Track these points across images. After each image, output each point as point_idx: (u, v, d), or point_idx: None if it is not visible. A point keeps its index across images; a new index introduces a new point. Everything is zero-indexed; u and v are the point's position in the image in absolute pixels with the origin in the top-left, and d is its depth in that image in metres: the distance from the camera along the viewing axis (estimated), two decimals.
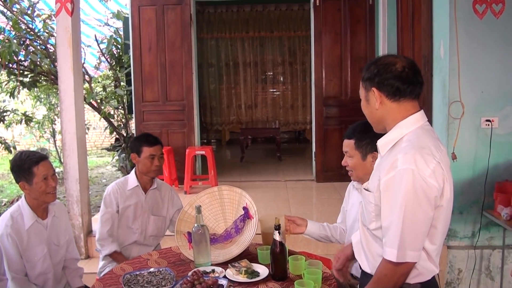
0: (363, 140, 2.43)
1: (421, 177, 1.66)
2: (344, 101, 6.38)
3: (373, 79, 1.81)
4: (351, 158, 2.49)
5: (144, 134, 3.38)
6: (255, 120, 10.64)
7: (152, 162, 3.15)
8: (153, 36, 6.52)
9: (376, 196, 1.80)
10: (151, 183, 3.25)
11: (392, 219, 1.71)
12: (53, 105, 9.55)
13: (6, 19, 6.90)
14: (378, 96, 1.81)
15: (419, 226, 1.70)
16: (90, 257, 4.50)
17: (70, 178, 4.41)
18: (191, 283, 2.14)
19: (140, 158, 3.16)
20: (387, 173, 1.72)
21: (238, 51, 10.61)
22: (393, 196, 1.70)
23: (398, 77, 1.78)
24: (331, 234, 2.81)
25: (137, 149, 3.18)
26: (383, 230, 1.77)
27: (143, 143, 3.17)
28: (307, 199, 5.92)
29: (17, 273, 2.57)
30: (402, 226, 1.68)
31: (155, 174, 3.23)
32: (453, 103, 3.76)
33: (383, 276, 1.76)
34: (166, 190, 3.36)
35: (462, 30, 3.70)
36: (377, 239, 1.87)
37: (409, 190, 1.66)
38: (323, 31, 6.42)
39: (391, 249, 1.71)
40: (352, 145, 2.47)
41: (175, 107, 6.62)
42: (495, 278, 3.91)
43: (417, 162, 1.67)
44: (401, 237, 1.68)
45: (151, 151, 3.15)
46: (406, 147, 1.72)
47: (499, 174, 3.77)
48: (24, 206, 2.63)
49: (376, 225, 1.85)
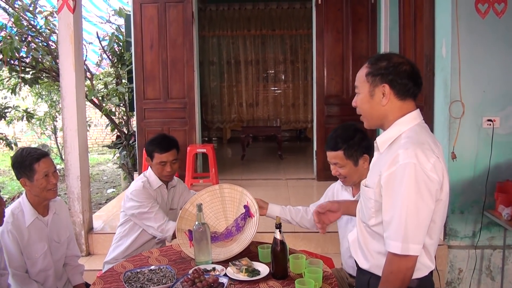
0: (351, 148, 2.49)
1: (422, 171, 1.69)
2: (346, 99, 6.37)
3: (386, 76, 1.83)
4: (343, 168, 2.54)
5: (158, 137, 3.25)
6: (256, 118, 10.61)
7: (164, 168, 3.09)
8: (155, 33, 6.51)
9: (376, 191, 1.82)
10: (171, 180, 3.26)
11: (394, 212, 1.73)
12: (55, 102, 9.57)
13: (8, 15, 6.91)
14: (388, 93, 1.83)
15: (422, 219, 1.72)
16: (90, 254, 4.50)
17: (71, 175, 4.41)
18: (191, 281, 2.14)
19: (153, 163, 3.13)
20: (388, 168, 1.75)
21: (240, 49, 10.59)
22: (395, 190, 1.73)
23: (410, 77, 1.83)
24: (291, 217, 2.81)
25: (149, 153, 3.13)
26: (384, 224, 1.78)
27: (155, 149, 3.10)
28: (308, 197, 5.92)
29: (18, 269, 2.57)
30: (405, 219, 1.70)
31: (168, 179, 3.19)
32: (454, 102, 3.75)
33: (389, 273, 1.77)
34: (180, 186, 3.42)
35: (464, 29, 3.69)
36: (376, 235, 1.89)
37: (411, 184, 1.69)
38: (325, 29, 6.40)
39: (395, 242, 1.72)
40: (341, 156, 2.53)
41: (176, 104, 6.61)
42: (496, 278, 3.91)
43: (418, 157, 1.70)
44: (404, 230, 1.70)
45: (162, 157, 3.08)
46: (406, 143, 1.76)
47: (500, 174, 3.76)
48: (25, 203, 2.64)
49: (376, 221, 1.87)
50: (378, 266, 1.88)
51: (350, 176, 2.55)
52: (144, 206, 3.01)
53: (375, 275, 1.91)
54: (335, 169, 2.59)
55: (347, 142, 2.50)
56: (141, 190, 3.05)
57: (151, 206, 3.01)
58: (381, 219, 1.82)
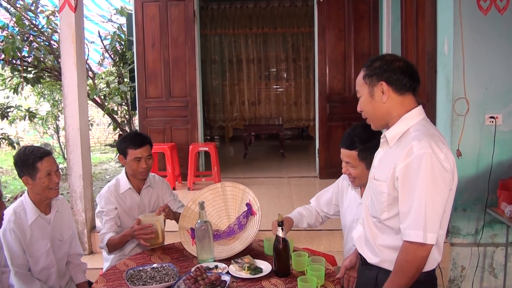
0: (366, 151, 2.37)
1: (438, 160, 1.75)
2: (348, 97, 6.37)
3: (382, 74, 1.89)
4: (355, 168, 2.45)
5: (130, 134, 3.17)
6: (259, 116, 10.62)
7: (139, 164, 2.98)
8: (157, 32, 6.52)
9: (389, 184, 1.85)
10: (143, 182, 3.12)
11: (412, 203, 1.76)
12: (57, 101, 9.58)
13: (9, 15, 6.92)
14: (386, 89, 1.89)
15: (438, 208, 1.77)
16: (93, 253, 4.51)
17: (74, 174, 4.42)
18: (194, 278, 2.15)
19: (127, 161, 3.01)
20: (403, 160, 1.79)
21: (242, 48, 10.58)
22: (411, 181, 1.76)
23: (405, 72, 1.89)
24: (307, 223, 2.83)
25: (122, 150, 3.03)
26: (402, 215, 1.81)
27: (129, 145, 3.00)
28: (310, 195, 5.84)
29: (20, 268, 2.57)
30: (424, 208, 1.74)
31: (143, 176, 3.07)
32: (458, 99, 3.74)
33: (405, 262, 1.80)
34: (158, 184, 3.22)
35: (466, 26, 3.68)
36: (387, 229, 1.91)
37: (428, 173, 1.74)
38: (326, 27, 6.39)
39: (415, 230, 1.75)
40: (355, 156, 2.43)
41: (178, 103, 6.62)
42: (498, 275, 3.90)
43: (432, 147, 1.76)
44: (424, 218, 1.74)
45: (136, 153, 2.98)
46: (418, 135, 1.81)
47: (503, 171, 3.75)
48: (27, 202, 2.64)
49: (388, 215, 1.89)
50: (387, 260, 1.91)
51: (360, 178, 2.45)
52: (102, 209, 3.00)
53: (383, 269, 1.93)
54: (346, 167, 2.51)
55: (363, 143, 2.39)
56: (104, 194, 3.03)
57: (106, 212, 2.97)
58: (394, 212, 1.85)
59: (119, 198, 3.03)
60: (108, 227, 2.94)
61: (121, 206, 3.03)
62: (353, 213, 2.63)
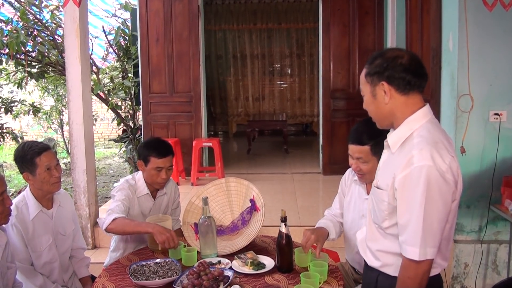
0: (379, 144, 2.20)
1: (439, 174, 1.65)
2: (352, 93, 6.37)
3: (382, 73, 1.77)
4: (366, 164, 2.40)
5: (154, 141, 3.02)
6: (262, 112, 10.61)
7: (159, 174, 2.88)
8: (161, 27, 6.52)
9: (389, 194, 1.78)
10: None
11: (410, 216, 1.69)
12: (61, 96, 9.59)
13: (14, 9, 6.93)
14: (388, 89, 1.77)
15: (438, 223, 1.69)
16: (97, 247, 4.53)
17: (77, 168, 4.42)
18: (197, 274, 2.15)
19: (147, 168, 2.90)
20: (402, 170, 1.70)
21: (246, 43, 10.57)
22: (410, 194, 1.68)
23: (408, 69, 1.75)
24: (335, 232, 2.70)
25: (144, 157, 2.90)
26: (400, 227, 1.74)
27: (152, 153, 2.87)
28: (314, 191, 5.92)
29: (23, 262, 2.58)
30: (422, 224, 1.66)
31: (160, 186, 2.98)
32: (462, 96, 3.73)
33: (407, 279, 1.74)
34: (171, 190, 3.16)
35: (471, 23, 3.66)
36: (389, 236, 1.85)
37: (427, 188, 1.65)
38: (331, 23, 6.38)
39: (412, 247, 1.69)
40: (367, 151, 2.37)
41: (182, 98, 6.62)
42: (502, 272, 3.90)
43: (434, 158, 1.65)
44: (422, 235, 1.67)
45: (159, 163, 2.86)
46: (420, 142, 1.70)
47: (507, 168, 3.74)
48: (28, 197, 2.64)
49: (389, 223, 1.83)
50: (388, 265, 1.87)
51: (371, 174, 2.36)
52: (116, 193, 2.85)
53: (383, 273, 1.89)
54: (356, 164, 2.44)
55: (375, 138, 2.31)
56: (125, 188, 2.88)
57: (119, 196, 2.81)
58: (394, 221, 1.78)
59: (133, 200, 2.93)
60: (117, 208, 2.74)
61: (133, 206, 2.94)
62: (356, 209, 2.61)
